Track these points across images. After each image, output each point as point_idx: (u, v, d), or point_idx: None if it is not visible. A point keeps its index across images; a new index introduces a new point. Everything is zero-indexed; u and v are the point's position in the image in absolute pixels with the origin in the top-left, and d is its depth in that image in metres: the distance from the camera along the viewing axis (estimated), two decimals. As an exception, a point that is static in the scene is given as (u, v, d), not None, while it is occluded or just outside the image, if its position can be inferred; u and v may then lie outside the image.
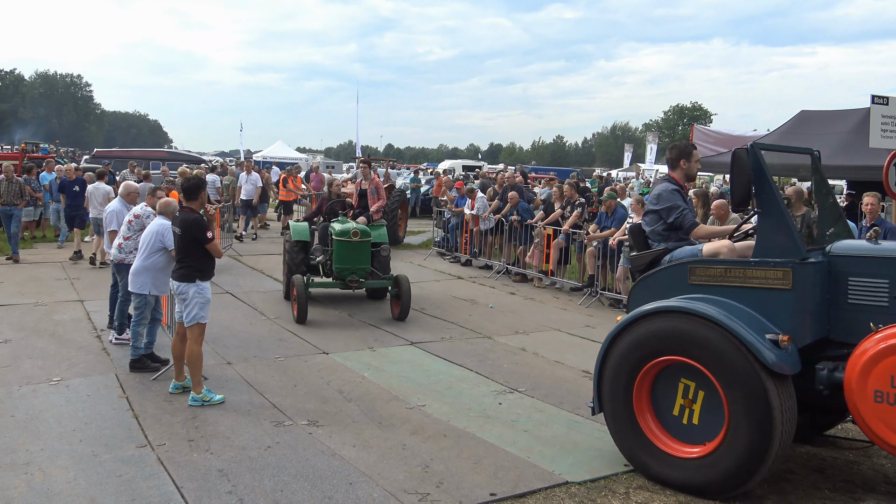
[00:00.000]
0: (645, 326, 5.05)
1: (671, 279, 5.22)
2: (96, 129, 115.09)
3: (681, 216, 5.45)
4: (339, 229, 10.11)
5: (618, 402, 5.17)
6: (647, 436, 5.04)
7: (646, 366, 5.01)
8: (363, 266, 10.06)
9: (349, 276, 9.98)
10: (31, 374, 7.14)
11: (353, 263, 9.97)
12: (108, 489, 4.75)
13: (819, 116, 16.98)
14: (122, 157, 25.37)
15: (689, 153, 5.71)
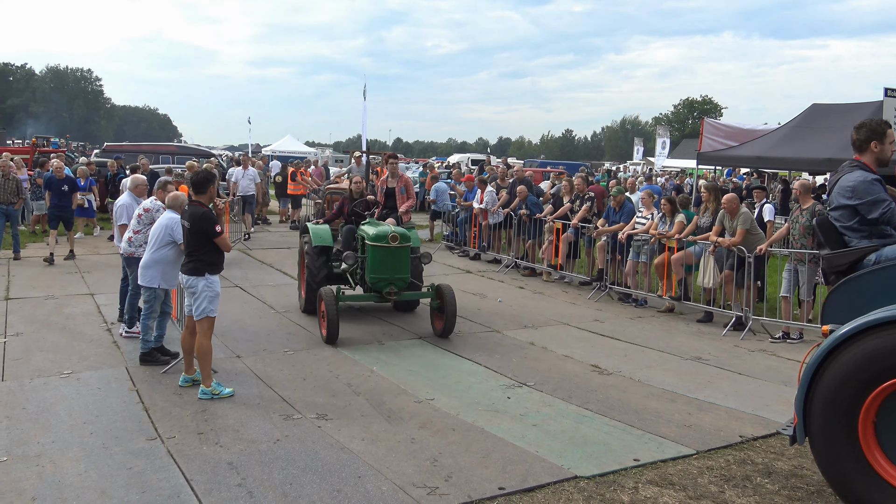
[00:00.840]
0: (876, 340, 4.11)
1: (890, 281, 4.42)
2: (106, 123, 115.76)
3: (889, 211, 4.72)
4: (375, 233, 8.70)
5: (836, 431, 4.25)
6: (879, 474, 4.15)
7: (878, 388, 4.10)
8: (403, 275, 8.61)
9: (386, 288, 8.55)
10: (42, 366, 7.18)
11: (391, 273, 8.54)
12: (118, 481, 4.78)
13: (831, 110, 16.87)
14: (133, 151, 25.42)
15: (883, 133, 4.91)
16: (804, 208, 9.50)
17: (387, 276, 8.56)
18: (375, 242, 8.58)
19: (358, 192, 10.14)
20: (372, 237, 8.67)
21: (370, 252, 8.64)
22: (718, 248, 9.97)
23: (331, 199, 15.48)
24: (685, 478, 5.05)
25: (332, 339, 8.22)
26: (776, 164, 19.38)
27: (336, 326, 8.16)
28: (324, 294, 8.31)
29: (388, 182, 10.83)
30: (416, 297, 9.21)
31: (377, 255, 8.56)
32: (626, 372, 7.64)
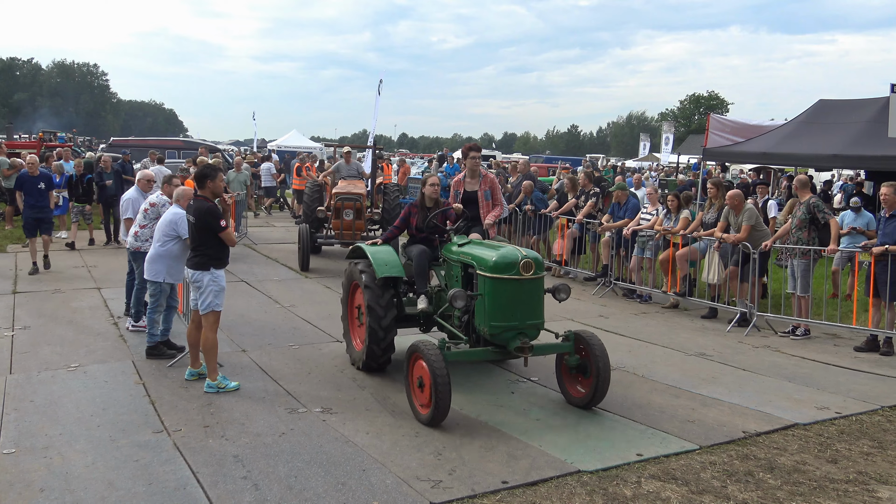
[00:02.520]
0: None
1: None
2: (112, 118, 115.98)
3: None
4: (496, 258, 6.09)
5: None
6: None
7: None
8: (537, 320, 6.14)
9: (516, 341, 5.97)
10: (49, 360, 7.24)
11: (521, 317, 6.03)
12: (125, 473, 4.82)
13: (837, 106, 16.78)
14: (139, 146, 25.54)
15: None
16: (801, 202, 9.52)
17: (515, 324, 5.99)
18: (498, 273, 6.01)
19: (432, 199, 7.55)
20: (492, 265, 6.06)
21: (489, 288, 6.05)
22: (723, 244, 9.96)
23: (316, 195, 14.07)
24: (688, 472, 5.07)
25: (440, 417, 5.72)
26: (782, 161, 19.29)
27: (448, 398, 5.61)
28: (426, 353, 5.72)
29: (467, 184, 8.37)
30: (551, 351, 6.42)
31: (501, 293, 6.04)
32: (630, 367, 7.65)
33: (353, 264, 7.36)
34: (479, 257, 6.30)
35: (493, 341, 6.14)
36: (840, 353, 8.61)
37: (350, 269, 7.44)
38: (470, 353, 6.39)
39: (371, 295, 6.85)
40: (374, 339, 6.88)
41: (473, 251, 6.51)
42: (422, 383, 5.86)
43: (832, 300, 10.22)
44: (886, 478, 5.11)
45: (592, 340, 6.29)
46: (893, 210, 8.65)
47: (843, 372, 7.81)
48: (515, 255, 6.11)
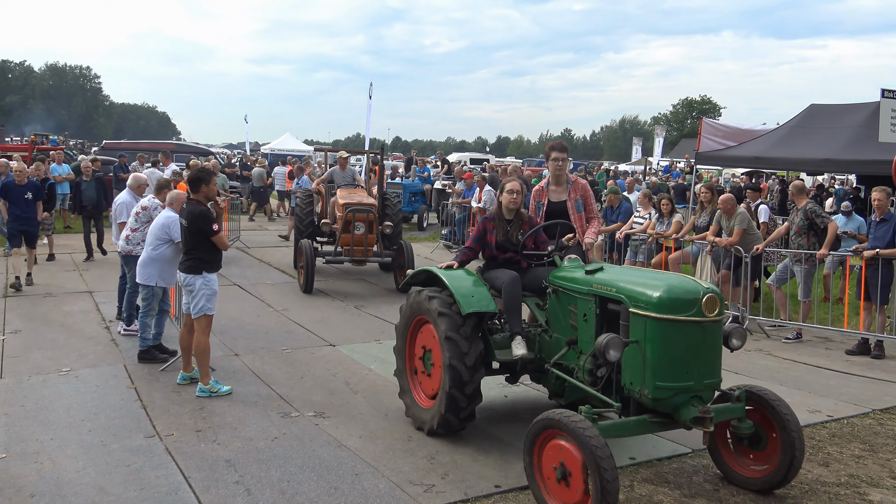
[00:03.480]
0: None
1: None
2: (105, 120, 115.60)
3: None
4: (668, 293, 4.52)
5: None
6: None
7: None
8: (716, 378, 4.66)
9: (689, 409, 4.49)
10: (40, 364, 7.20)
11: (700, 375, 4.55)
12: (116, 478, 4.80)
13: (829, 110, 16.89)
14: (132, 149, 25.44)
15: None
16: (799, 208, 9.58)
17: (690, 384, 4.52)
18: (670, 314, 4.46)
19: (512, 210, 6.00)
20: (659, 302, 4.49)
21: (654, 333, 4.49)
22: (715, 248, 10.00)
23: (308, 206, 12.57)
24: (680, 476, 5.09)
25: None
26: (774, 165, 19.39)
27: (617, 494, 4.10)
28: (574, 429, 4.15)
29: (551, 192, 6.73)
30: (724, 416, 4.72)
31: (674, 341, 4.49)
32: (622, 371, 7.65)
33: (418, 293, 5.83)
34: (634, 290, 4.67)
35: (655, 407, 4.56)
36: (831, 356, 8.65)
37: (414, 301, 5.83)
38: (629, 426, 4.67)
39: (450, 323, 5.35)
40: (456, 383, 5.26)
41: (619, 280, 4.89)
42: (566, 474, 4.24)
43: (824, 304, 10.26)
44: (878, 481, 5.14)
45: (772, 399, 4.83)
46: (884, 214, 8.70)
47: (834, 375, 7.84)
48: (695, 289, 4.54)
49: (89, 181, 13.48)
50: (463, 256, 5.97)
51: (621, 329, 4.71)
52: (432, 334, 5.64)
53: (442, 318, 5.40)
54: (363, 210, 11.42)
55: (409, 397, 5.99)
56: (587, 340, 5.02)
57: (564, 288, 5.33)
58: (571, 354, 5.19)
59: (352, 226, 11.32)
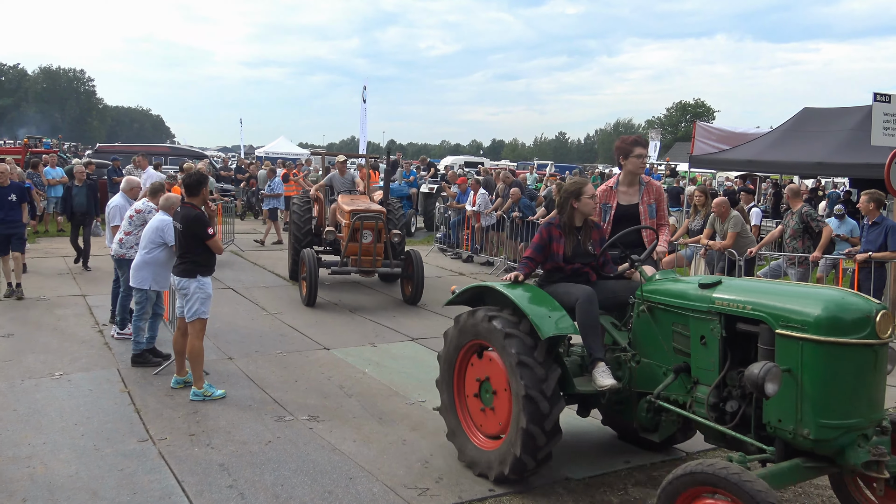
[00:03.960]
0: None
1: None
2: (99, 124, 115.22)
3: None
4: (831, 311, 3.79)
5: None
6: None
7: None
8: (881, 413, 3.95)
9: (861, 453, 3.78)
10: (33, 368, 7.17)
11: (869, 410, 3.86)
12: (109, 483, 4.78)
13: (821, 114, 16.98)
14: (125, 152, 25.38)
15: None
16: (794, 212, 9.63)
17: (859, 420, 3.80)
18: (836, 336, 3.73)
19: (583, 217, 5.23)
20: (817, 322, 3.76)
21: (816, 360, 3.76)
22: (709, 251, 10.03)
23: (306, 213, 11.94)
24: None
25: None
26: (767, 168, 19.48)
27: None
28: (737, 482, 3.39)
29: (621, 194, 5.89)
30: None
31: (841, 370, 3.77)
32: (616, 374, 7.66)
33: (471, 315, 5.09)
34: (781, 307, 3.90)
35: (814, 450, 3.80)
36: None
37: (468, 324, 5.09)
38: (783, 474, 3.81)
39: (521, 346, 4.62)
40: (534, 417, 4.53)
41: (756, 296, 4.11)
42: None
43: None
44: (870, 483, 5.14)
45: None
46: (876, 218, 8.74)
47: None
48: (864, 306, 3.82)
49: (81, 187, 12.90)
50: (526, 269, 5.16)
51: (760, 354, 3.96)
52: (493, 362, 4.91)
53: (510, 340, 4.65)
54: (372, 217, 10.63)
55: (462, 438, 5.17)
56: (705, 368, 4.25)
57: (667, 305, 4.53)
58: (678, 384, 4.44)
59: (359, 234, 10.56)
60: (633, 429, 5.02)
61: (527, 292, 4.92)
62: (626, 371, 4.83)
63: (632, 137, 5.92)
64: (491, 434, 5.03)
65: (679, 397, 4.47)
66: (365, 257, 10.66)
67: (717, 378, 4.16)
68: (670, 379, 4.47)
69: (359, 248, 10.58)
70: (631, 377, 4.81)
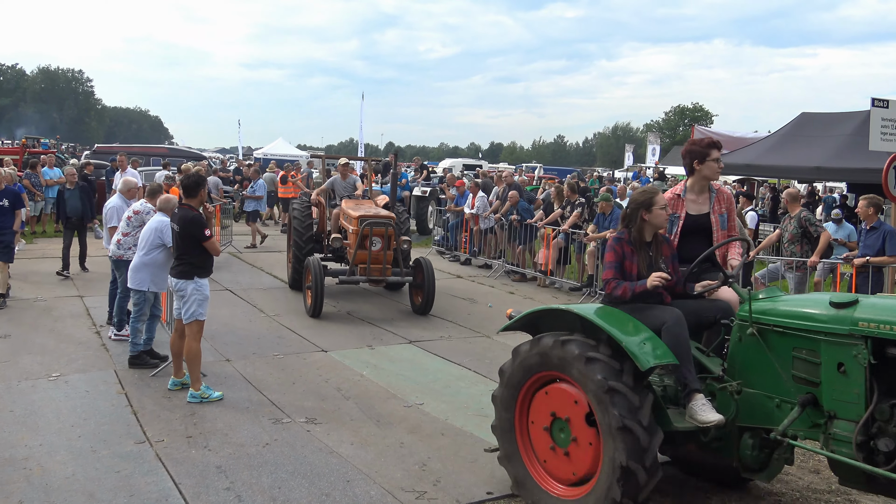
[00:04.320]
0: None
1: None
2: (97, 124, 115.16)
3: None
4: None
5: None
6: None
7: None
8: None
9: None
10: (30, 369, 7.15)
11: None
12: (106, 485, 4.77)
13: (819, 119, 17.03)
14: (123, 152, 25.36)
15: None
16: (792, 216, 9.65)
17: None
18: None
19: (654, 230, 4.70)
20: None
21: None
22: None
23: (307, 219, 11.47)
24: (672, 484, 5.08)
25: None
26: (765, 172, 19.55)
27: None
28: None
29: (689, 203, 5.17)
30: None
31: None
32: (614, 378, 7.66)
33: (536, 342, 4.47)
34: None
35: None
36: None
37: (536, 352, 4.45)
38: None
39: (608, 371, 4.07)
40: (633, 452, 3.95)
41: None
42: None
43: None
44: (868, 488, 5.14)
45: None
46: (874, 223, 8.76)
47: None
48: None
49: (73, 189, 12.23)
50: (623, 289, 4.49)
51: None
52: (567, 395, 4.31)
53: (593, 365, 4.09)
54: (381, 223, 10.12)
55: (532, 488, 4.54)
56: (845, 400, 3.70)
57: (787, 327, 3.98)
58: (803, 419, 3.90)
59: (368, 241, 10.06)
60: (724, 467, 4.46)
61: (607, 314, 4.36)
62: (727, 403, 4.22)
63: (706, 139, 5.21)
64: (568, 480, 4.37)
65: (802, 433, 3.93)
66: (374, 265, 10.17)
67: (864, 412, 3.61)
68: (795, 413, 3.87)
69: (368, 256, 10.11)
70: (736, 410, 4.20)
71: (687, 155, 5.17)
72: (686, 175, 5.24)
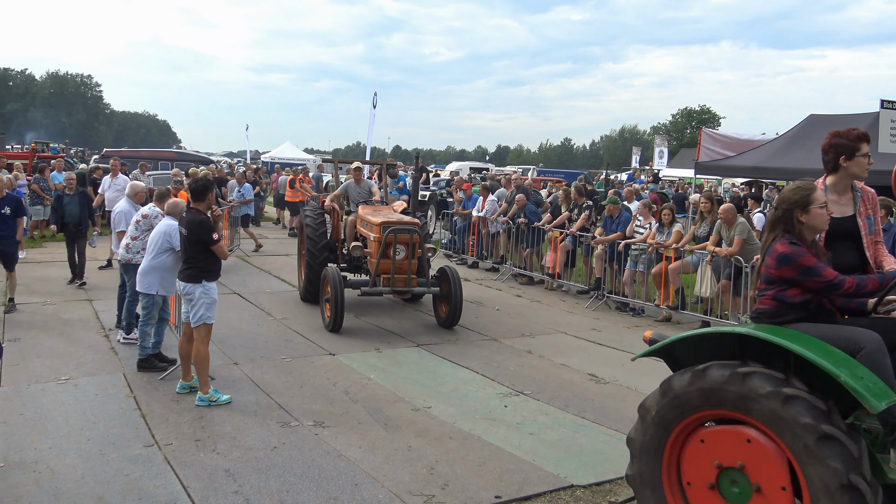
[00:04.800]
0: None
1: None
2: (106, 129, 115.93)
3: None
4: None
5: None
6: None
7: None
8: None
9: None
10: (39, 372, 7.18)
11: None
12: (115, 488, 4.78)
13: (828, 120, 16.94)
14: (132, 157, 25.52)
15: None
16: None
17: None
18: None
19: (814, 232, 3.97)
20: None
21: None
22: (716, 258, 10.00)
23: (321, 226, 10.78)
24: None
25: None
26: (773, 175, 19.45)
27: None
28: None
29: (831, 204, 4.26)
30: None
31: None
32: (622, 381, 7.65)
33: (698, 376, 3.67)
34: None
35: None
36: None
37: (695, 388, 3.66)
38: None
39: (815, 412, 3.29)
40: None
41: None
42: None
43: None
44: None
45: None
46: (884, 225, 8.71)
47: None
48: None
49: (72, 195, 11.76)
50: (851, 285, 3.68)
51: None
52: (739, 440, 3.54)
53: (794, 405, 3.31)
54: (405, 230, 9.48)
55: None
56: None
57: None
58: None
59: (392, 249, 9.47)
60: None
61: (793, 338, 3.51)
62: None
63: (855, 132, 4.40)
64: None
65: None
66: (399, 276, 9.51)
67: None
68: None
69: (392, 266, 9.47)
70: None
71: (830, 150, 4.39)
72: (825, 172, 4.50)
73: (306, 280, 10.83)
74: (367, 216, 10.28)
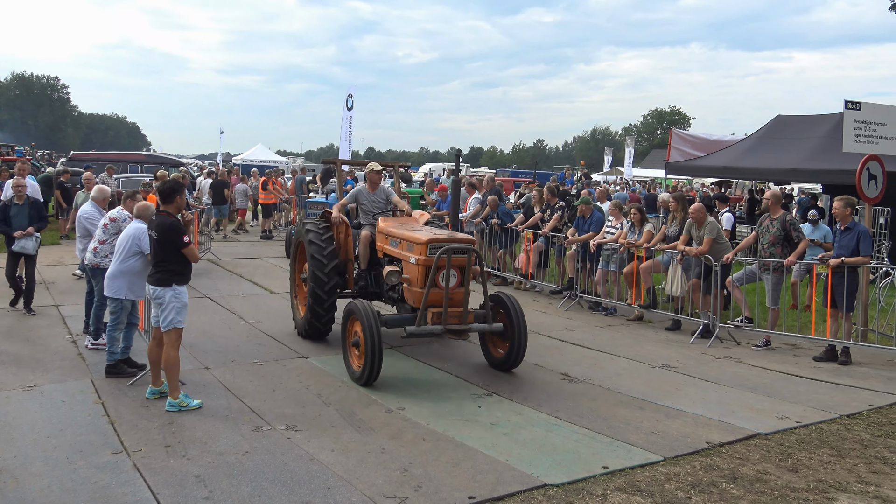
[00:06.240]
0: None
1: None
2: (73, 131, 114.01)
3: None
4: None
5: None
6: None
7: None
8: None
9: None
10: (4, 379, 7.03)
11: None
12: (82, 496, 4.69)
13: (794, 121, 17.26)
14: (100, 160, 25.06)
15: None
16: (774, 218, 9.74)
17: None
18: None
19: None
20: None
21: None
22: (686, 257, 10.11)
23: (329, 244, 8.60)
24: (652, 484, 5.11)
25: None
26: (742, 174, 19.77)
27: None
28: None
29: None
30: None
31: None
32: (595, 380, 7.70)
33: None
34: None
35: None
36: (800, 363, 8.78)
37: None
38: None
39: None
40: None
41: None
42: None
43: (792, 311, 10.42)
44: (845, 486, 5.21)
45: None
46: (848, 223, 8.87)
47: (803, 382, 7.96)
48: None
49: (21, 205, 9.87)
50: None
51: None
52: None
53: None
54: (461, 250, 7.36)
55: None
56: None
57: None
58: None
59: (444, 275, 7.33)
60: None
61: None
62: None
63: None
64: None
65: None
66: (454, 309, 7.41)
67: None
68: None
69: (445, 297, 7.33)
70: None
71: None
72: None
73: (310, 312, 8.70)
74: (398, 231, 8.12)
